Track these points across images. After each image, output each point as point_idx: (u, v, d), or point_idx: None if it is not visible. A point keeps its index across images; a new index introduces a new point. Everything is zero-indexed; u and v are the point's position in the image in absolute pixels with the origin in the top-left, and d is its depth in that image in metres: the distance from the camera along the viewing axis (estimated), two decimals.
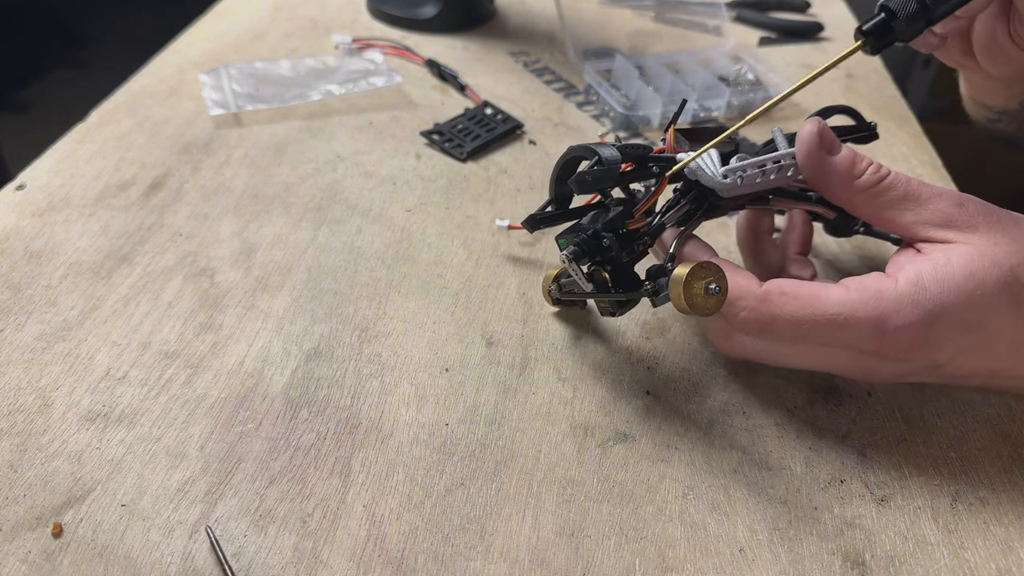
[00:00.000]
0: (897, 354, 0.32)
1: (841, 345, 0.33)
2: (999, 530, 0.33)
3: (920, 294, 0.31)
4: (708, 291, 0.32)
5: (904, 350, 0.32)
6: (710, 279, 0.32)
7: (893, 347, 0.32)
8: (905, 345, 0.32)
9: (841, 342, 0.32)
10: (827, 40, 0.76)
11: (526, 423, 0.36)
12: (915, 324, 0.31)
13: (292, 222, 0.48)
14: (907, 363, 0.33)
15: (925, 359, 0.32)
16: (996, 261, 0.32)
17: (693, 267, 0.32)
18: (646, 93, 0.60)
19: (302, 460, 0.34)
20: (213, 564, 0.30)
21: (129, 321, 0.40)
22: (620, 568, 0.31)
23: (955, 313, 0.31)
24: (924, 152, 0.58)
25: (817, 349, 0.34)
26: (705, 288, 0.32)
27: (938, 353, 0.32)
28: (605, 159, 0.35)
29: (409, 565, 0.31)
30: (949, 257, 0.32)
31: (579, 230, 0.36)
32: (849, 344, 0.32)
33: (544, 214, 0.40)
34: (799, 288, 0.33)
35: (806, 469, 0.35)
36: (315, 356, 0.39)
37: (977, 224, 0.33)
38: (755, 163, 0.36)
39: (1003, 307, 0.32)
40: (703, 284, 0.32)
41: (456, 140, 0.55)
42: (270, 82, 0.60)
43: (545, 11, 0.76)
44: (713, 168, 0.36)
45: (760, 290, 0.33)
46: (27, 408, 0.35)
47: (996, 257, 0.32)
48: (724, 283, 0.32)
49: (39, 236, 0.45)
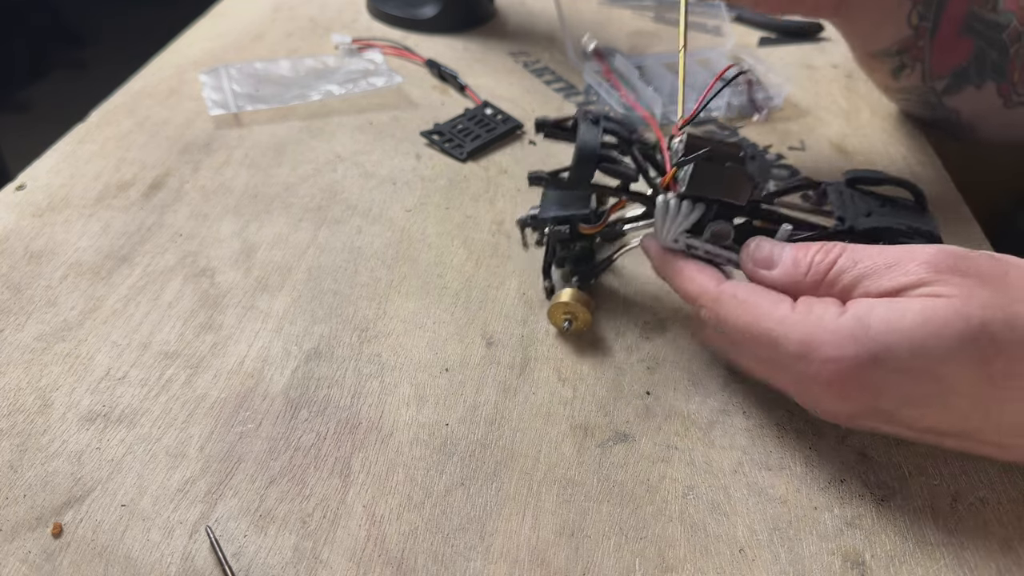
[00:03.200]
0: (831, 386, 0.31)
1: (778, 363, 0.32)
2: (999, 530, 0.33)
3: (861, 330, 0.30)
4: (564, 325, 0.39)
5: (838, 384, 0.30)
6: (567, 315, 0.39)
7: (825, 377, 0.30)
8: (837, 378, 0.30)
9: (776, 359, 0.32)
10: (827, 40, 0.75)
11: (526, 423, 0.36)
12: (847, 358, 0.30)
13: (292, 222, 0.48)
14: (848, 401, 0.31)
15: (865, 400, 0.31)
16: (963, 313, 0.29)
17: (557, 303, 0.39)
18: (646, 93, 0.60)
19: (302, 460, 0.34)
20: (213, 564, 0.30)
21: (129, 321, 0.40)
22: (620, 568, 0.31)
23: (898, 358, 0.29)
24: (924, 152, 0.58)
25: (764, 361, 0.34)
26: (562, 320, 0.39)
27: (880, 398, 0.30)
28: (575, 163, 0.37)
29: (409, 565, 0.31)
30: (910, 302, 0.30)
31: (548, 204, 0.41)
32: (784, 364, 0.32)
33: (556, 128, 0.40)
34: (750, 295, 0.33)
35: (806, 469, 0.35)
36: (315, 356, 0.39)
37: (950, 280, 0.30)
38: (709, 249, 0.37)
39: (963, 361, 0.29)
40: (561, 317, 0.39)
41: (456, 140, 0.55)
42: (270, 82, 0.60)
43: (545, 11, 0.76)
44: (671, 223, 0.37)
45: (715, 289, 0.34)
46: (27, 408, 0.36)
47: (965, 310, 0.29)
48: (582, 319, 0.39)
49: (39, 236, 0.45)
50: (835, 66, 0.70)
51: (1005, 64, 0.50)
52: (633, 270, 0.45)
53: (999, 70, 0.50)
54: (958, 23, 0.49)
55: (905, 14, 0.50)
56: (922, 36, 0.50)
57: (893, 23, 0.50)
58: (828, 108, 0.63)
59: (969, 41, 0.50)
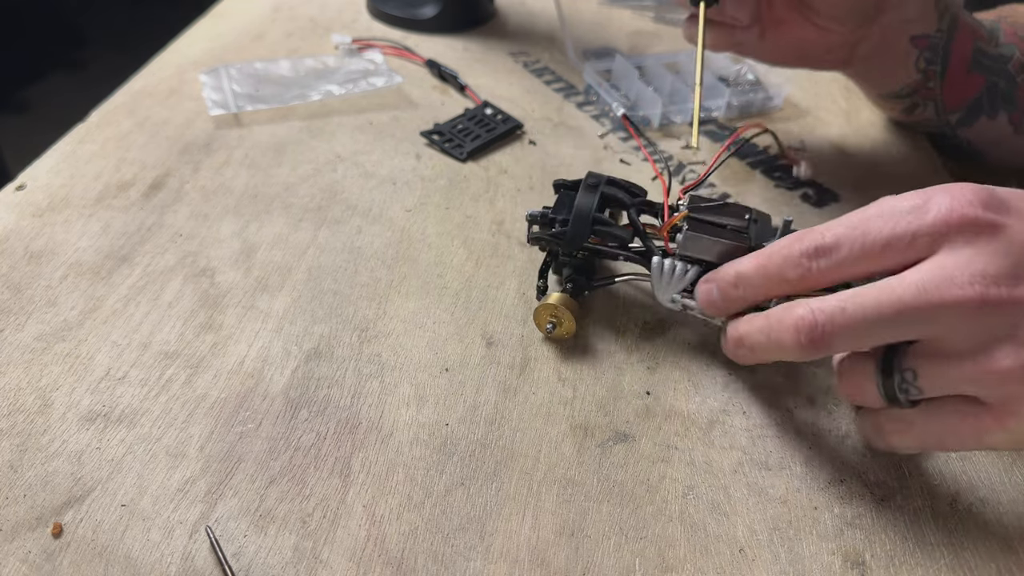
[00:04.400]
0: (989, 220, 0.28)
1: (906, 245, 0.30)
2: (999, 530, 0.33)
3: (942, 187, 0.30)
4: (547, 328, 0.40)
5: (985, 210, 0.28)
6: (552, 319, 0.39)
7: (948, 208, 0.29)
8: (960, 203, 0.29)
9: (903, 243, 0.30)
10: None
11: (526, 423, 0.36)
12: (973, 185, 0.29)
13: (292, 222, 0.48)
14: (1006, 232, 0.28)
15: (1017, 223, 0.28)
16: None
17: (545, 305, 0.39)
18: (646, 93, 0.60)
19: (302, 460, 0.34)
20: (213, 564, 0.30)
21: (129, 321, 0.40)
22: (620, 568, 0.31)
23: (1018, 190, 0.30)
24: (924, 152, 0.58)
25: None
26: (546, 322, 0.40)
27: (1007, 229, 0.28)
28: (569, 232, 0.39)
29: (409, 565, 0.31)
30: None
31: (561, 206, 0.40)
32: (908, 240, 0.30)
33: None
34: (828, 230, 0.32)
35: (806, 469, 0.35)
36: (315, 356, 0.39)
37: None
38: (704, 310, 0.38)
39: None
40: (545, 319, 0.40)
41: (456, 140, 0.55)
42: (270, 82, 0.60)
43: (545, 11, 0.76)
44: (667, 283, 0.38)
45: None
46: (27, 408, 0.36)
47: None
48: (566, 326, 0.39)
49: (39, 236, 0.45)
50: None
51: (1014, 93, 0.51)
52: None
53: (1010, 99, 0.51)
54: (966, 61, 0.50)
55: (913, 61, 0.50)
56: (931, 78, 0.51)
57: (903, 69, 0.51)
58: (828, 108, 0.63)
59: (979, 76, 0.51)
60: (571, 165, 0.54)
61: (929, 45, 0.49)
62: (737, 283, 0.35)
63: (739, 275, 0.35)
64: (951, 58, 0.50)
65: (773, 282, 0.33)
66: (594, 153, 0.56)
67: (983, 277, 0.28)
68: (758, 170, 0.55)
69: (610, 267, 0.45)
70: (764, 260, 0.34)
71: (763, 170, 0.55)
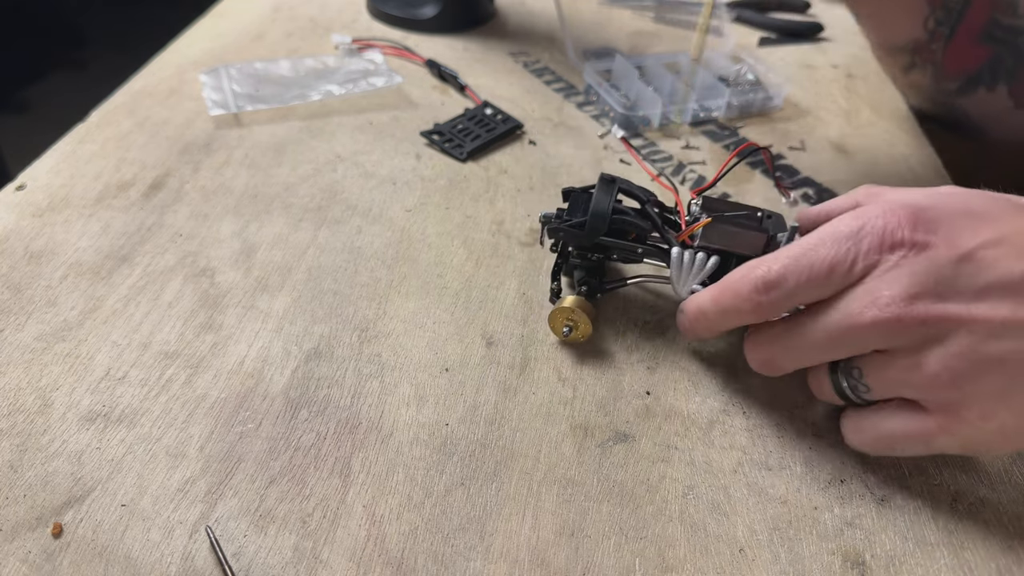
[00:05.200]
0: (915, 240, 0.30)
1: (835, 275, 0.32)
2: (999, 530, 0.33)
3: (897, 194, 0.32)
4: (564, 332, 0.39)
5: (913, 231, 0.30)
6: (569, 323, 0.39)
7: (879, 228, 0.31)
8: (891, 227, 0.30)
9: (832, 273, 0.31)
10: (827, 40, 0.76)
11: (526, 423, 0.36)
12: (908, 203, 0.31)
13: (292, 222, 0.48)
14: (929, 251, 0.30)
15: (946, 241, 0.30)
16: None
17: (560, 309, 0.39)
18: (646, 93, 0.60)
19: (302, 460, 0.34)
20: (213, 564, 0.30)
21: (129, 321, 0.40)
22: (620, 568, 0.31)
23: (952, 200, 0.31)
24: (924, 152, 0.58)
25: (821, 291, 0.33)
26: (563, 326, 0.39)
27: (959, 237, 0.30)
28: (589, 222, 0.38)
29: (409, 565, 0.31)
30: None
31: (576, 208, 0.40)
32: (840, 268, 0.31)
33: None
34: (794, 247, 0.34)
35: (806, 469, 0.35)
36: (315, 356, 0.39)
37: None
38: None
39: (1005, 206, 0.31)
40: (561, 324, 0.39)
41: (456, 140, 0.55)
42: (270, 82, 0.60)
43: (545, 11, 0.76)
44: (686, 275, 0.38)
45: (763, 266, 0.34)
46: (27, 408, 0.36)
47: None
48: (582, 329, 0.39)
49: (39, 236, 0.45)
50: (835, 66, 0.70)
51: (1019, 68, 0.50)
52: (631, 268, 0.45)
53: (1013, 74, 0.50)
54: (976, 31, 0.50)
55: (923, 18, 0.50)
56: (937, 40, 0.51)
57: (911, 22, 0.51)
58: (828, 108, 0.63)
59: (986, 48, 0.50)
60: (571, 165, 0.54)
61: (943, 4, 0.48)
62: (698, 317, 0.37)
63: (699, 309, 0.36)
64: (962, 24, 0.49)
65: (730, 315, 0.35)
66: (594, 153, 0.56)
67: (904, 297, 0.30)
68: (758, 170, 0.55)
69: (620, 270, 0.45)
70: (718, 294, 0.35)
71: (763, 170, 0.55)
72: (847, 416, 0.36)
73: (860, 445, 0.35)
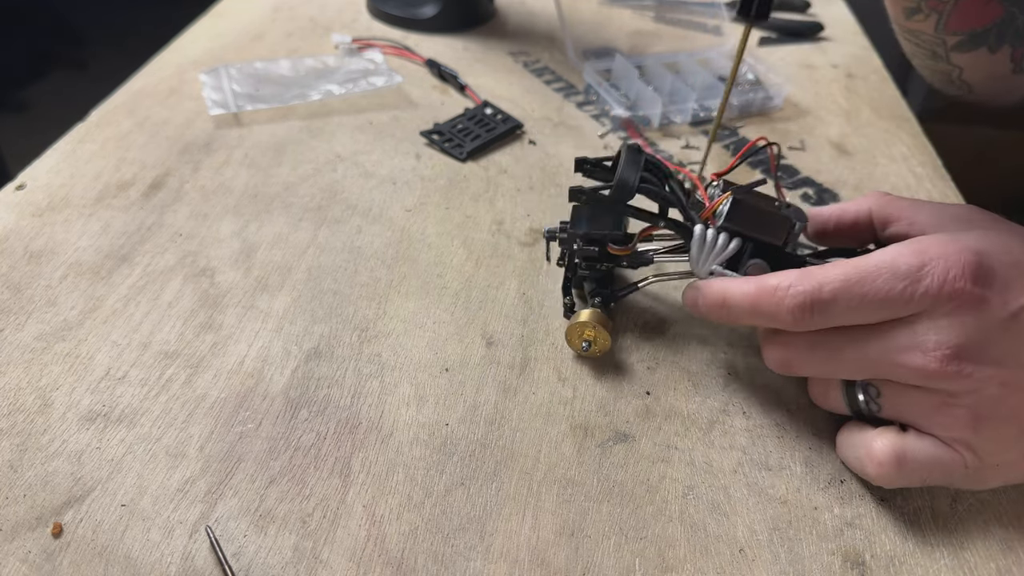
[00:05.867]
0: (973, 294, 0.29)
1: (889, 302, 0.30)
2: (999, 530, 0.33)
3: (943, 238, 0.31)
4: (582, 347, 0.39)
5: (973, 284, 0.29)
6: (587, 338, 0.38)
7: (938, 283, 0.29)
8: (952, 275, 0.29)
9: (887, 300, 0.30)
10: (827, 40, 0.76)
11: (526, 423, 0.36)
12: (970, 248, 0.30)
13: (292, 222, 0.48)
14: (983, 308, 0.29)
15: (1000, 299, 0.29)
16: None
17: (577, 323, 0.38)
18: (646, 93, 0.60)
19: (302, 460, 0.34)
20: (213, 564, 0.30)
21: (129, 321, 0.40)
22: (620, 568, 0.31)
23: (1004, 246, 0.31)
24: (924, 152, 0.58)
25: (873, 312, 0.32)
26: (581, 342, 0.39)
27: (1010, 293, 0.29)
28: (615, 184, 0.37)
29: (409, 565, 0.31)
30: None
31: (580, 220, 0.39)
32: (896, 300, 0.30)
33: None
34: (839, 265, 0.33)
35: (806, 469, 0.35)
36: (315, 356, 0.39)
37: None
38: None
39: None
40: (579, 339, 0.39)
41: (456, 140, 0.55)
42: (270, 82, 0.60)
43: (545, 11, 0.76)
44: (707, 254, 0.37)
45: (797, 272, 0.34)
46: (27, 408, 0.36)
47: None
48: (600, 343, 0.38)
49: (39, 236, 0.45)
50: (835, 66, 0.70)
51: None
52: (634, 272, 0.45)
53: (1022, 35, 0.49)
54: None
55: None
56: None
57: None
58: (828, 108, 0.63)
59: (998, 8, 0.48)
60: (571, 165, 0.54)
61: None
62: (724, 305, 0.35)
63: (725, 300, 0.35)
64: None
65: (761, 318, 0.34)
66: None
67: (948, 349, 0.29)
68: (759, 169, 0.55)
69: (626, 276, 0.45)
70: (756, 296, 0.33)
71: (763, 169, 0.55)
72: (845, 432, 0.35)
73: (846, 460, 0.35)
